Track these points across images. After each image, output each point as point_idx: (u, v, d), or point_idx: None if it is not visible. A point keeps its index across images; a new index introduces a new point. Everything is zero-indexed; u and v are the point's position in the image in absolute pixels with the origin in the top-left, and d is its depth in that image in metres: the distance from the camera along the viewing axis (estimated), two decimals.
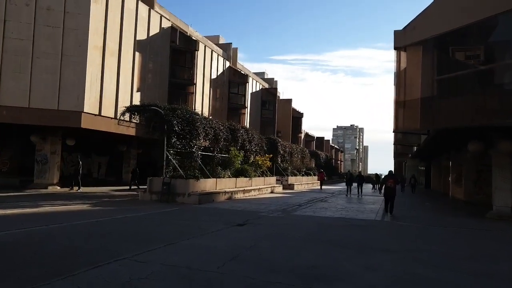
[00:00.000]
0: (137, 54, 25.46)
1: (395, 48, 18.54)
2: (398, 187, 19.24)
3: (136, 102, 23.72)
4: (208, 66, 33.89)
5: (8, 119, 20.13)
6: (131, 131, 24.11)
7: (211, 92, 34.96)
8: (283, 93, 63.86)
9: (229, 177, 22.33)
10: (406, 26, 17.80)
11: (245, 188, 23.16)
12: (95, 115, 21.89)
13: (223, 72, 37.66)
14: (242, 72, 41.90)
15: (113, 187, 26.84)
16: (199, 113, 21.72)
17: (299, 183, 37.52)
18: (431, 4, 16.74)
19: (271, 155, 30.22)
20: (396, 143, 29.89)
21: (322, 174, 38.70)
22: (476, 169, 24.66)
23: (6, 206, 13.56)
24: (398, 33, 18.30)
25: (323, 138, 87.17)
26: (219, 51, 38.96)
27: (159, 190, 17.89)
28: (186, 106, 20.54)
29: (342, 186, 40.78)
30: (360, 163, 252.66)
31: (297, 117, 61.55)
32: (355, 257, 7.84)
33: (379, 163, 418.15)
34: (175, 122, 18.53)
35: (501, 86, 14.94)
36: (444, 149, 27.59)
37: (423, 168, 52.78)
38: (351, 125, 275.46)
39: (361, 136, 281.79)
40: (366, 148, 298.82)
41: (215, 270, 6.32)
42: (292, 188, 34.16)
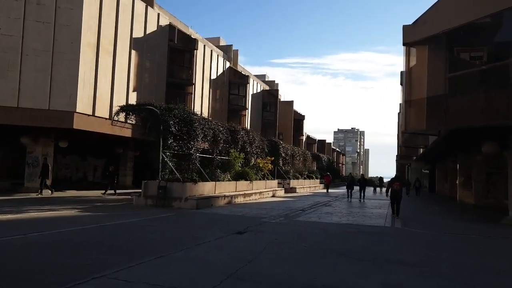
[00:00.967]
0: (133, 52, 24.50)
1: (404, 44, 17.57)
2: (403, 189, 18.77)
3: (132, 102, 22.70)
4: (207, 66, 32.94)
5: None
6: (127, 132, 23.17)
7: (211, 93, 34.00)
8: (284, 96, 62.97)
9: (228, 180, 21.33)
10: (416, 20, 16.83)
11: (245, 192, 22.16)
12: (89, 115, 20.93)
13: (223, 73, 36.71)
14: (242, 72, 40.92)
15: (108, 191, 25.81)
16: (198, 113, 20.76)
17: (301, 187, 36.48)
18: None
19: (272, 158, 29.22)
20: (401, 145, 28.79)
21: (329, 177, 38.93)
22: (485, 171, 23.68)
23: None
24: (407, 28, 17.33)
25: (324, 141, 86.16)
26: (219, 52, 38.03)
27: (155, 194, 16.89)
28: (183, 106, 19.52)
29: (345, 190, 39.63)
30: (361, 166, 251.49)
31: (298, 119, 60.65)
32: (371, 272, 6.83)
33: (380, 166, 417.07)
34: (171, 122, 17.57)
35: None
36: (451, 151, 26.57)
37: (427, 171, 51.76)
38: (352, 128, 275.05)
39: (362, 139, 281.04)
40: (367, 151, 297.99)
41: None
42: (294, 192, 33.14)
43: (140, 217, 13.09)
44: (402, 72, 27.04)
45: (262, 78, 56.12)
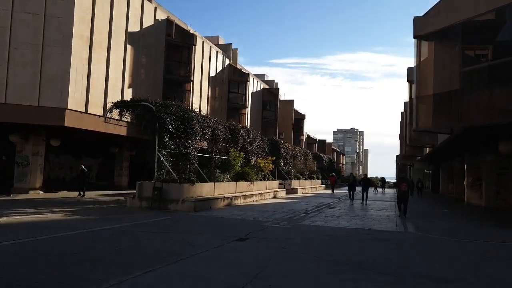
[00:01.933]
0: (128, 47, 23.45)
1: (415, 36, 16.56)
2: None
3: (127, 99, 21.66)
4: (206, 63, 31.90)
5: None
6: (122, 131, 22.12)
7: (210, 91, 32.95)
8: (284, 95, 61.92)
9: (228, 181, 20.29)
10: (428, 11, 15.80)
11: (246, 193, 21.11)
12: (81, 112, 19.87)
13: (222, 70, 35.67)
14: (242, 70, 39.86)
15: (102, 192, 24.77)
16: (196, 111, 19.70)
17: (303, 187, 35.43)
18: None
19: (273, 158, 28.17)
20: (408, 143, 27.69)
21: (334, 177, 39.33)
22: (496, 172, 22.66)
23: None
24: (418, 19, 16.32)
25: (325, 141, 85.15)
26: (218, 49, 36.96)
27: (150, 196, 15.84)
28: (181, 103, 18.46)
29: (347, 191, 38.60)
30: (360, 166, 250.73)
31: (299, 118, 59.62)
32: None
33: (379, 166, 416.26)
34: (168, 119, 16.53)
35: None
36: (460, 151, 25.54)
37: (429, 171, 50.76)
38: (351, 128, 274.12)
39: (361, 140, 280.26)
40: (366, 152, 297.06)
41: None
42: (296, 193, 32.07)
43: (132, 221, 12.05)
44: (409, 68, 26.08)
45: (261, 77, 55.06)
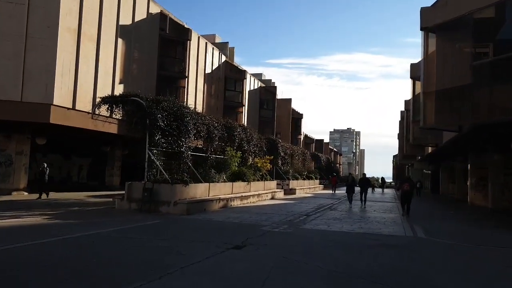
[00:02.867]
0: (119, 41, 22.37)
1: (422, 28, 15.60)
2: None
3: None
4: (202, 59, 30.85)
5: None
6: (113, 129, 21.09)
7: (206, 88, 31.90)
8: (282, 93, 60.90)
9: (224, 181, 19.27)
10: (436, 1, 14.86)
11: (242, 194, 20.10)
12: (68, 108, 18.79)
13: (218, 67, 34.63)
14: (239, 67, 38.81)
15: (93, 193, 23.70)
16: (191, 107, 18.65)
17: (301, 188, 34.45)
18: None
19: (271, 157, 27.18)
20: (411, 143, 26.60)
21: (335, 178, 40.93)
22: (502, 172, 21.77)
23: None
24: (426, 10, 15.38)
25: (322, 140, 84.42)
26: (215, 47, 35.90)
27: (140, 198, 14.80)
28: (174, 99, 17.40)
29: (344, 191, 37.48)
30: (357, 166, 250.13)
31: (296, 118, 58.70)
32: None
33: (375, 166, 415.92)
34: (159, 115, 15.49)
35: None
36: (465, 150, 24.65)
37: (429, 172, 49.96)
38: (348, 128, 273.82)
39: (357, 140, 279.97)
40: (362, 152, 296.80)
41: None
42: (294, 193, 31.08)
43: (119, 225, 11.01)
44: (412, 64, 25.13)
45: (258, 77, 53.96)
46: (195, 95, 29.77)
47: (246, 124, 36.32)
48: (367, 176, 24.72)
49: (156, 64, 25.51)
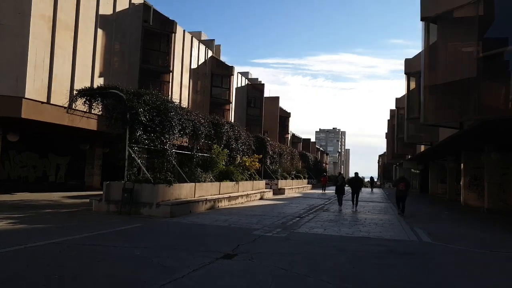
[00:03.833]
0: (99, 31, 20.97)
1: (423, 18, 14.67)
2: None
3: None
4: (187, 54, 29.55)
5: None
6: (92, 125, 19.76)
7: (191, 84, 30.61)
8: (269, 91, 59.92)
9: (211, 181, 18.10)
10: None
11: (230, 195, 18.94)
12: (42, 102, 17.36)
13: (204, 62, 33.35)
14: (226, 63, 37.57)
15: (70, 193, 22.25)
16: (176, 102, 17.40)
17: (290, 187, 33.42)
18: None
19: (260, 156, 26.07)
20: (406, 141, 25.62)
21: (326, 178, 42.83)
22: (499, 172, 21.02)
23: None
24: None
25: (309, 139, 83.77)
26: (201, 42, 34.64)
27: (119, 199, 13.54)
28: (157, 92, 16.13)
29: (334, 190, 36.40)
30: (342, 166, 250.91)
31: (284, 116, 57.80)
32: None
33: (360, 166, 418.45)
34: (141, 110, 14.22)
35: None
36: (459, 148, 23.92)
37: (417, 171, 49.45)
38: (333, 128, 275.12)
39: (343, 139, 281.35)
40: (347, 151, 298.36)
41: None
42: (283, 193, 30.04)
43: (93, 230, 9.77)
44: (407, 60, 24.30)
45: (245, 75, 52.90)
46: (180, 91, 28.48)
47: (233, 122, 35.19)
48: (359, 176, 22.78)
49: (139, 57, 24.17)
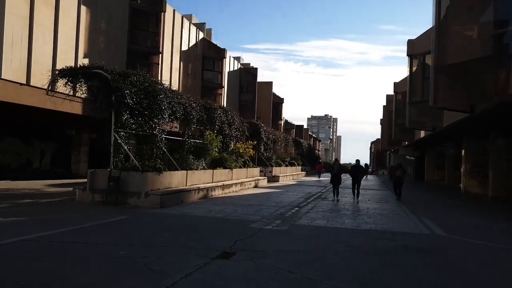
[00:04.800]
0: (83, 9, 19.59)
1: None
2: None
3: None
4: (177, 35, 28.21)
5: None
6: (77, 109, 18.57)
7: (182, 67, 29.33)
8: (263, 75, 58.63)
9: (204, 168, 17.08)
10: None
11: (224, 183, 17.97)
12: (21, 84, 16.09)
13: (196, 44, 31.98)
14: (218, 45, 36.18)
15: (55, 181, 21.14)
16: (165, 84, 16.23)
17: (284, 175, 32.55)
18: None
19: (254, 142, 25.05)
20: (408, 126, 24.61)
21: (321, 165, 44.79)
22: (505, 158, 20.22)
23: None
24: None
25: (302, 126, 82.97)
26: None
27: (105, 188, 12.46)
28: (145, 73, 14.93)
29: (329, 177, 35.06)
30: (334, 152, 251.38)
31: (277, 102, 56.66)
32: None
33: (351, 153, 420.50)
34: (127, 91, 13.06)
35: None
36: (463, 134, 23.08)
37: (412, 158, 48.81)
38: (325, 115, 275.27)
39: (334, 126, 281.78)
40: (339, 138, 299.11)
41: None
42: (278, 181, 29.15)
43: (74, 224, 8.72)
44: (409, 40, 23.22)
45: (237, 60, 51.55)
46: (170, 74, 27.21)
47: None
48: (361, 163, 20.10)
49: (126, 37, 22.84)
